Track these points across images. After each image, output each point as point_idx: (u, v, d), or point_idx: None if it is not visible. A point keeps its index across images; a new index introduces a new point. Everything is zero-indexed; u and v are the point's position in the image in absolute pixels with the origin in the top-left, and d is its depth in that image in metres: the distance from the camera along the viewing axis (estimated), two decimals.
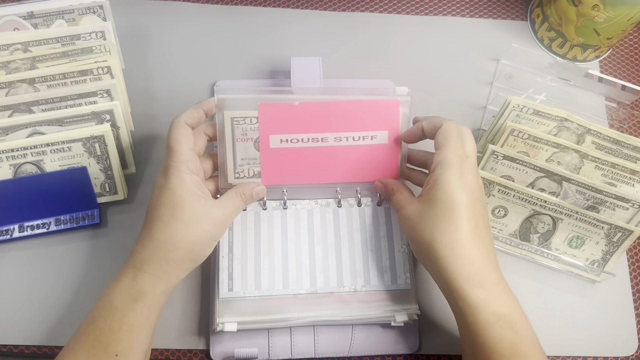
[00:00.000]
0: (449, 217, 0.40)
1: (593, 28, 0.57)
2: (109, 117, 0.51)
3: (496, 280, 0.40)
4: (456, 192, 0.40)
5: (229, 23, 0.62)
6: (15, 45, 0.52)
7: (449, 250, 0.39)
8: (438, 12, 0.65)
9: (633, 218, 0.51)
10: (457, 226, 0.40)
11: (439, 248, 0.40)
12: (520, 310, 0.39)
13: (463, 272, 0.39)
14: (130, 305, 0.39)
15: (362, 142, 0.48)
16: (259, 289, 0.47)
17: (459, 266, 0.39)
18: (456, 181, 0.40)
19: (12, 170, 0.49)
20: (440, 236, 0.40)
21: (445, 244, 0.40)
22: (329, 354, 0.48)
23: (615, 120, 0.60)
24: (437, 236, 0.40)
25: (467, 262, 0.39)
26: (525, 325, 0.39)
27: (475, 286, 0.39)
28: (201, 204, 0.42)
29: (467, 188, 0.40)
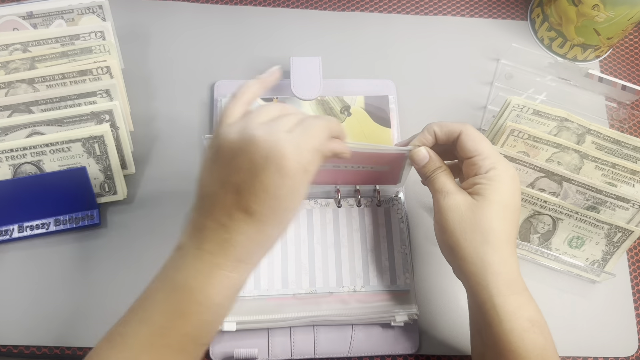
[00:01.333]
0: (502, 220, 0.39)
1: (593, 28, 0.57)
2: (109, 117, 0.51)
3: (525, 286, 0.40)
4: (512, 198, 0.40)
5: (229, 23, 0.62)
6: (14, 45, 0.52)
7: (498, 256, 0.39)
8: (438, 12, 0.65)
9: (633, 218, 0.51)
10: (508, 232, 0.39)
11: (488, 251, 0.39)
12: (542, 317, 0.39)
13: (505, 279, 0.39)
14: (231, 298, 0.36)
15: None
16: (258, 289, 0.47)
17: (502, 273, 0.39)
18: (511, 186, 0.40)
19: (11, 170, 0.49)
20: (492, 238, 0.39)
21: (496, 248, 0.39)
22: (329, 354, 0.48)
23: (616, 120, 0.60)
24: (489, 238, 0.39)
25: (509, 269, 0.39)
26: (549, 329, 0.39)
27: (513, 293, 0.39)
28: (305, 189, 0.37)
29: (517, 195, 0.41)
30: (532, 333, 0.38)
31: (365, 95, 0.56)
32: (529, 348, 0.37)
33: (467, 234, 0.39)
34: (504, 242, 0.39)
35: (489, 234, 0.39)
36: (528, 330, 0.38)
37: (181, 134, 0.55)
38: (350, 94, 0.56)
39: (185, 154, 0.54)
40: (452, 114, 0.59)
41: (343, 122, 0.55)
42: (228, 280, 0.35)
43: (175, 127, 0.56)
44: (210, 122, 0.56)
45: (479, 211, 0.39)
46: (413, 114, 0.58)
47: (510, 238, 0.40)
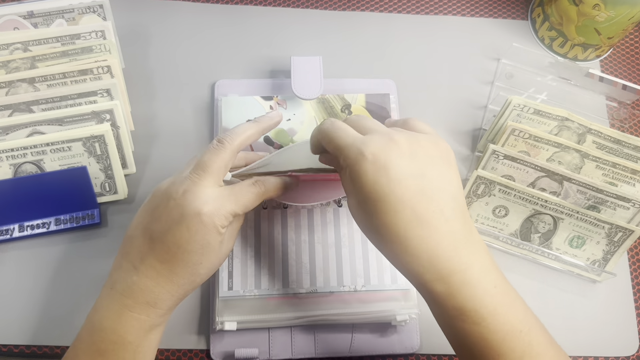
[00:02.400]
0: (376, 217, 0.34)
1: (594, 27, 0.57)
2: (109, 116, 0.51)
3: (457, 269, 0.34)
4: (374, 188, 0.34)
5: (229, 23, 0.62)
6: (15, 44, 0.52)
7: (393, 253, 0.35)
8: (438, 11, 0.65)
9: (634, 218, 0.51)
10: (390, 225, 0.34)
11: (384, 252, 0.36)
12: (491, 300, 0.34)
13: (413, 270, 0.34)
14: (145, 336, 0.38)
15: None
16: (259, 288, 0.47)
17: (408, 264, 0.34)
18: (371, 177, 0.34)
19: (12, 169, 0.49)
20: (380, 239, 0.35)
21: (387, 246, 0.35)
22: (329, 353, 0.48)
23: (616, 119, 0.60)
24: (377, 241, 0.36)
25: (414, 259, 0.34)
26: (501, 315, 0.34)
27: (429, 281, 0.34)
28: (224, 245, 0.39)
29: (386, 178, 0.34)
30: (460, 322, 0.34)
31: (366, 94, 0.56)
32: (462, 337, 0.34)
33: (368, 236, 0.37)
34: (395, 235, 0.34)
35: (376, 235, 0.35)
36: (456, 318, 0.34)
37: (182, 133, 0.55)
38: (351, 92, 0.56)
39: (185, 153, 0.54)
40: (452, 114, 0.59)
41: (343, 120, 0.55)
42: (137, 322, 0.37)
43: (176, 126, 0.56)
44: (210, 122, 0.56)
45: (359, 212, 0.36)
46: (414, 114, 0.58)
47: (398, 226, 0.34)
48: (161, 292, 0.37)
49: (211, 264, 0.39)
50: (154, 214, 0.38)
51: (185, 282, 0.38)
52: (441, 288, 0.34)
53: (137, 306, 0.37)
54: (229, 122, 0.53)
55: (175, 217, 0.37)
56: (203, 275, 0.39)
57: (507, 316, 0.34)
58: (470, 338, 0.34)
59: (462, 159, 0.57)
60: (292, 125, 0.54)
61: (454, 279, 0.34)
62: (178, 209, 0.37)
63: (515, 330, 0.34)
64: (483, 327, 0.34)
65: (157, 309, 0.38)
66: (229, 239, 0.40)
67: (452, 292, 0.34)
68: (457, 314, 0.34)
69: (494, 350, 0.34)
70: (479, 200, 0.51)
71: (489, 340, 0.34)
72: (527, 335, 0.34)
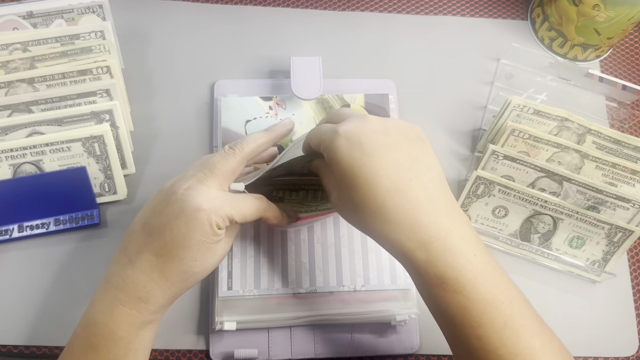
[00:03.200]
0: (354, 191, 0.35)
1: (594, 28, 0.57)
2: (109, 116, 0.51)
3: (436, 235, 0.34)
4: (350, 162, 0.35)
5: (229, 23, 0.62)
6: (14, 44, 0.52)
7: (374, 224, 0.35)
8: (438, 11, 0.65)
9: (634, 218, 0.51)
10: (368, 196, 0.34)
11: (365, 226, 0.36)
12: (472, 268, 0.34)
13: (394, 239, 0.34)
14: (136, 333, 0.38)
15: None
16: (258, 288, 0.47)
17: (389, 235, 0.34)
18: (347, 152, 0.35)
19: (11, 170, 0.49)
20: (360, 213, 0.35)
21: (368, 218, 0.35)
22: (329, 354, 0.48)
23: (616, 120, 0.60)
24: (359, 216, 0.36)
25: (394, 227, 0.34)
26: (481, 284, 0.34)
27: (410, 250, 0.34)
28: (220, 246, 0.39)
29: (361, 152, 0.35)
30: (441, 290, 0.34)
31: (365, 94, 0.56)
32: (443, 306, 0.34)
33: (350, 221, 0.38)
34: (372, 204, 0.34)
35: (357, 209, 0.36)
36: (437, 287, 0.34)
37: (181, 133, 0.55)
38: (351, 92, 0.56)
39: (185, 153, 0.54)
40: (452, 114, 0.59)
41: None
42: (128, 317, 0.37)
43: (175, 126, 0.56)
44: (210, 122, 0.56)
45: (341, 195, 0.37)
46: (413, 114, 0.58)
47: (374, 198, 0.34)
48: (153, 288, 0.37)
49: (206, 263, 0.39)
50: (155, 209, 0.39)
51: (178, 280, 0.38)
52: (422, 256, 0.34)
53: (129, 300, 0.37)
54: (228, 123, 0.53)
55: (175, 211, 0.37)
56: (197, 274, 0.39)
57: (488, 286, 0.34)
58: (451, 308, 0.34)
59: (461, 159, 0.57)
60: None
61: (434, 246, 0.34)
62: (178, 204, 0.37)
63: (496, 300, 0.34)
64: (463, 295, 0.33)
65: (149, 305, 0.37)
66: (225, 244, 0.40)
67: (432, 260, 0.34)
68: (438, 282, 0.34)
69: (474, 320, 0.34)
70: (478, 200, 0.51)
71: (469, 309, 0.34)
72: (508, 307, 0.34)
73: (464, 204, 0.52)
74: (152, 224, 0.38)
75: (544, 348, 0.34)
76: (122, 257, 0.39)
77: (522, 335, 0.34)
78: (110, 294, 0.38)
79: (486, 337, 0.34)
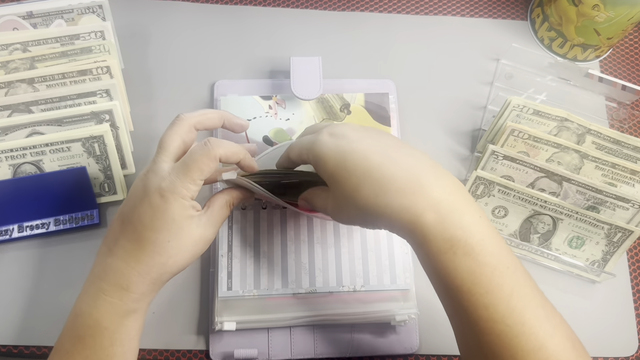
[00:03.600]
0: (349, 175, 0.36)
1: (593, 28, 0.57)
2: (108, 117, 0.51)
3: (442, 195, 0.34)
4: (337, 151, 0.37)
5: (229, 23, 0.62)
6: (14, 45, 0.52)
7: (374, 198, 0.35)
8: (438, 11, 0.65)
9: (633, 218, 0.51)
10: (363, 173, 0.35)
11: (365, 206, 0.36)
12: (479, 230, 0.34)
13: (397, 206, 0.34)
14: (120, 322, 0.38)
15: None
16: (258, 288, 0.47)
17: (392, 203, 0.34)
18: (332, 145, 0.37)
19: (11, 170, 0.49)
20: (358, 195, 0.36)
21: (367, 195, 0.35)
22: (329, 354, 0.48)
23: (616, 120, 0.60)
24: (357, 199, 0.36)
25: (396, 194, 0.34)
26: (488, 247, 0.33)
27: (418, 213, 0.34)
28: (197, 228, 0.39)
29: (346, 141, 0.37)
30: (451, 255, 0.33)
31: (365, 93, 0.56)
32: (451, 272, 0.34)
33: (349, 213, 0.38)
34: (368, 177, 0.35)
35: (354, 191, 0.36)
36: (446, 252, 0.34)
37: None
38: (350, 92, 0.56)
39: None
40: (452, 114, 0.59)
41: (343, 120, 0.55)
42: (111, 306, 0.37)
43: None
44: None
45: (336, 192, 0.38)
46: (413, 114, 0.58)
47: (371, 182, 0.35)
48: (132, 274, 0.37)
49: (182, 244, 0.38)
50: (128, 199, 0.40)
51: (154, 264, 0.38)
52: (431, 217, 0.34)
53: (110, 289, 0.37)
54: None
55: (140, 196, 0.38)
56: (174, 257, 0.38)
57: (494, 248, 0.34)
58: (460, 274, 0.33)
59: (461, 160, 0.57)
60: (291, 125, 0.54)
61: (442, 206, 0.34)
62: (142, 188, 0.38)
63: (502, 265, 0.34)
64: (472, 258, 0.33)
65: (130, 292, 0.38)
66: (206, 225, 0.40)
67: (442, 220, 0.33)
68: (448, 246, 0.33)
69: (482, 286, 0.33)
70: (478, 200, 0.51)
71: (478, 274, 0.33)
72: (514, 273, 0.34)
73: None
74: (124, 212, 0.39)
75: (548, 320, 0.34)
76: (103, 248, 0.39)
77: (529, 304, 0.33)
78: (94, 285, 0.38)
79: (493, 306, 0.33)
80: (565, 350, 0.33)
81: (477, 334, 0.34)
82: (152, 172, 0.38)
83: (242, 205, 0.50)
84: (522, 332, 0.33)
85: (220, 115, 0.43)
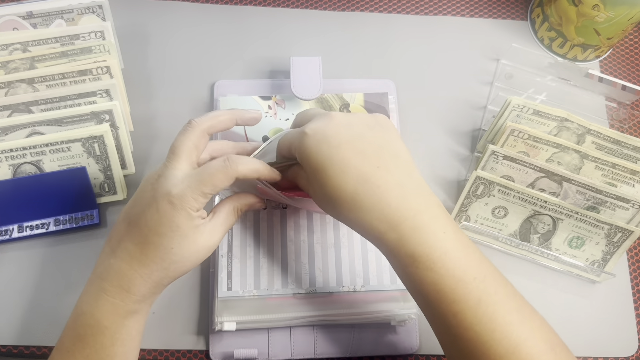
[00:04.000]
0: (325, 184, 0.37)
1: (593, 28, 0.57)
2: (108, 117, 0.51)
3: (406, 215, 0.36)
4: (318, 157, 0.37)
5: (228, 23, 0.62)
6: (14, 45, 0.52)
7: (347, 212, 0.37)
8: (438, 12, 0.65)
9: (633, 218, 0.51)
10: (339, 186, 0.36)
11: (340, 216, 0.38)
12: (441, 245, 0.35)
13: (367, 224, 0.36)
14: (121, 322, 0.38)
15: None
16: (258, 289, 0.47)
17: (363, 221, 0.36)
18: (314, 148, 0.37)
19: (11, 170, 0.49)
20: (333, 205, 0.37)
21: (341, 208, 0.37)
22: (329, 354, 0.48)
23: (616, 120, 0.60)
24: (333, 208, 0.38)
25: (366, 212, 0.36)
26: (451, 261, 0.35)
27: (382, 232, 0.36)
28: (201, 236, 0.39)
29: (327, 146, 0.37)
30: (414, 269, 0.35)
31: (365, 93, 0.56)
32: (417, 284, 0.35)
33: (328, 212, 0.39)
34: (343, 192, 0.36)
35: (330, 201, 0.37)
36: (409, 265, 0.35)
37: None
38: (350, 92, 0.56)
39: None
40: (452, 114, 0.59)
41: None
42: (112, 307, 0.38)
43: (175, 127, 0.55)
44: None
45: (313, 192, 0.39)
46: (413, 114, 0.58)
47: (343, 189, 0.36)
48: (134, 276, 0.38)
49: (185, 251, 0.38)
50: (134, 200, 0.39)
51: (157, 268, 0.38)
52: (393, 237, 0.36)
53: (112, 289, 0.38)
54: None
55: (148, 200, 0.38)
56: (177, 263, 0.38)
57: (458, 261, 0.35)
58: (425, 285, 0.35)
59: (461, 160, 0.57)
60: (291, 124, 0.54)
61: (404, 226, 0.35)
62: (151, 192, 0.38)
63: (467, 276, 0.35)
64: (434, 272, 0.35)
65: (131, 294, 0.38)
66: (210, 233, 0.39)
67: (403, 240, 0.35)
68: (410, 260, 0.35)
69: (447, 296, 0.35)
70: (478, 200, 0.51)
71: (442, 285, 0.35)
72: (481, 283, 0.35)
73: (464, 204, 0.52)
74: (130, 214, 0.39)
75: (523, 324, 0.35)
76: (106, 248, 0.39)
77: (498, 311, 0.34)
78: (96, 284, 0.38)
79: (461, 314, 0.34)
80: (541, 352, 0.34)
81: (452, 338, 0.36)
82: (164, 178, 0.38)
83: None
84: (493, 338, 0.34)
85: (231, 115, 0.43)
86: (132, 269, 0.38)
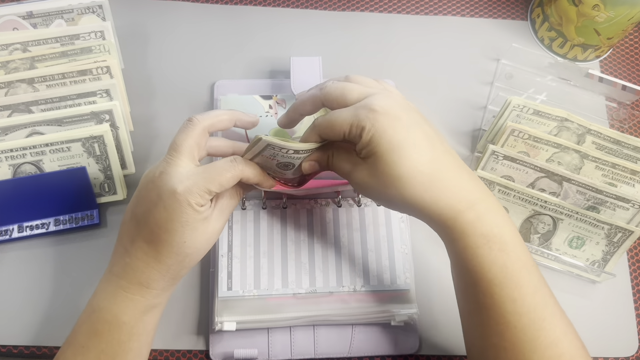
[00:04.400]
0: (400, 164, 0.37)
1: (593, 28, 0.57)
2: (108, 117, 0.51)
3: (480, 197, 0.37)
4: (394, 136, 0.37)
5: (228, 23, 0.62)
6: (14, 45, 0.52)
7: (422, 192, 0.37)
8: (438, 11, 0.65)
9: (633, 218, 0.51)
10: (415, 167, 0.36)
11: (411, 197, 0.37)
12: (510, 229, 0.37)
13: (444, 204, 0.37)
14: (139, 317, 0.39)
15: None
16: (258, 288, 0.47)
17: (439, 201, 0.37)
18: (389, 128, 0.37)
19: (11, 170, 0.49)
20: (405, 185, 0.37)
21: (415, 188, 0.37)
22: (329, 354, 0.48)
23: (616, 120, 0.60)
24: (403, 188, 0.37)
25: (443, 192, 0.37)
26: (518, 246, 0.37)
27: (461, 211, 0.37)
28: (210, 224, 0.39)
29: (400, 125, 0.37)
30: (487, 249, 0.36)
31: None
32: (485, 265, 0.36)
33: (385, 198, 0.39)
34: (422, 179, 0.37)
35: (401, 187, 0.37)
36: (482, 246, 0.36)
37: None
38: None
39: None
40: (452, 114, 0.59)
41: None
42: (132, 303, 0.38)
43: (175, 127, 0.55)
44: None
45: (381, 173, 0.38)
46: None
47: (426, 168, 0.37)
48: (152, 273, 0.38)
49: (198, 243, 0.39)
50: (138, 198, 0.39)
51: (173, 262, 0.38)
52: (471, 216, 0.37)
53: (131, 287, 0.38)
54: None
55: (153, 198, 0.38)
56: (191, 254, 0.39)
57: (522, 247, 0.37)
58: (494, 267, 0.36)
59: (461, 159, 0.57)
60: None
61: (481, 207, 0.37)
62: (156, 190, 0.38)
63: (529, 262, 0.37)
64: (506, 253, 0.36)
65: (151, 289, 0.39)
66: (217, 218, 0.40)
67: (480, 219, 0.37)
68: (484, 241, 0.36)
69: (513, 280, 0.36)
70: None
71: (510, 268, 0.36)
72: (537, 272, 0.37)
73: None
74: (137, 213, 0.39)
75: (563, 318, 0.37)
76: (119, 247, 0.40)
77: (549, 302, 0.36)
78: (114, 283, 0.39)
79: (521, 300, 0.36)
80: (577, 348, 0.36)
81: (501, 327, 0.36)
82: (167, 175, 0.38)
83: (242, 205, 0.50)
84: (543, 327, 0.35)
85: (231, 115, 0.43)
86: (149, 266, 0.38)
